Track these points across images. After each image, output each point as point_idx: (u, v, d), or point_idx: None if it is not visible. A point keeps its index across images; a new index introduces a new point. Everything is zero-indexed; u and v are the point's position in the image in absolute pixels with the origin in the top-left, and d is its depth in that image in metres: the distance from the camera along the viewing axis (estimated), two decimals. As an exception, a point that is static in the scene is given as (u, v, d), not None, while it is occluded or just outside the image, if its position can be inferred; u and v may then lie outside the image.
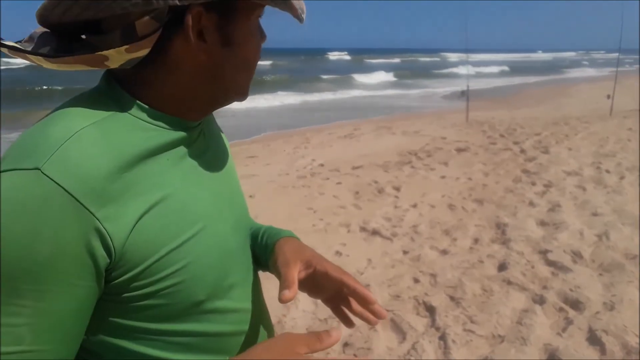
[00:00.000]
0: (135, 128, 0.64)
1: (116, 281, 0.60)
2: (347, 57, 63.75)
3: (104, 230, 0.56)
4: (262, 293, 0.87)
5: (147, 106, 0.66)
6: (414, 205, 4.99)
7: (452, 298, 3.06)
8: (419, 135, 9.10)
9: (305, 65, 40.84)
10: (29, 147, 0.57)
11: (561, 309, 2.85)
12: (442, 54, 70.71)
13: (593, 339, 2.53)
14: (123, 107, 0.65)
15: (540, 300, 2.95)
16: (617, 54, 13.31)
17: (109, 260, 0.58)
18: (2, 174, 0.54)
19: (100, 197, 0.56)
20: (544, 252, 3.64)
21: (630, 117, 10.16)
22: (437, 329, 2.72)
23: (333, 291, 0.81)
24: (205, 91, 0.70)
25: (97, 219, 0.56)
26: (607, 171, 5.86)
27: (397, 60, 55.04)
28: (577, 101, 15.17)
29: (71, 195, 0.54)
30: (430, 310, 2.93)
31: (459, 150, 7.63)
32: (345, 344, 2.64)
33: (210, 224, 0.69)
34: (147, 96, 0.66)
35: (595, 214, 4.41)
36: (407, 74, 30.43)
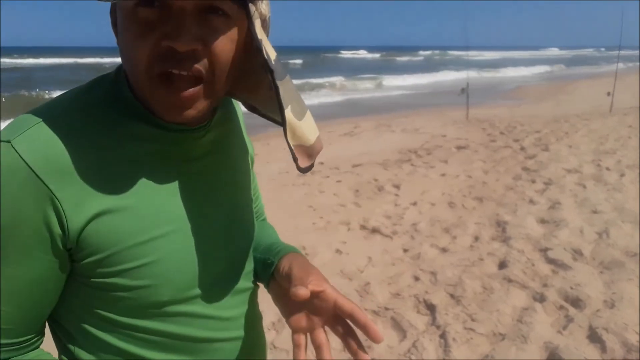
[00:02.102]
0: (122, 120, 0.65)
1: (82, 262, 0.63)
2: (370, 55, 62.26)
3: (60, 208, 0.59)
4: (256, 304, 0.85)
5: (136, 101, 0.66)
6: (414, 203, 4.99)
7: (452, 296, 3.05)
8: (419, 133, 9.09)
9: (351, 65, 38.53)
10: (15, 124, 0.60)
11: (561, 307, 2.85)
12: (450, 52, 69.92)
13: (593, 337, 2.53)
14: (117, 97, 0.65)
15: (541, 298, 2.94)
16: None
17: (62, 236, 0.60)
18: None
19: (62, 178, 0.59)
20: (544, 250, 3.64)
21: (631, 115, 10.15)
22: (438, 327, 2.72)
23: (320, 321, 0.72)
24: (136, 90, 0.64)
25: (56, 197, 0.58)
26: (607, 169, 5.85)
27: (420, 58, 54.32)
28: (577, 98, 15.16)
29: (32, 170, 0.57)
30: (431, 308, 2.93)
31: (459, 147, 7.63)
32: (346, 343, 2.63)
33: (183, 229, 0.68)
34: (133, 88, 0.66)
35: (595, 212, 4.40)
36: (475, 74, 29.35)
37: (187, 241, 0.69)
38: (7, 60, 36.26)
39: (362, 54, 67.01)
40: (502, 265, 3.45)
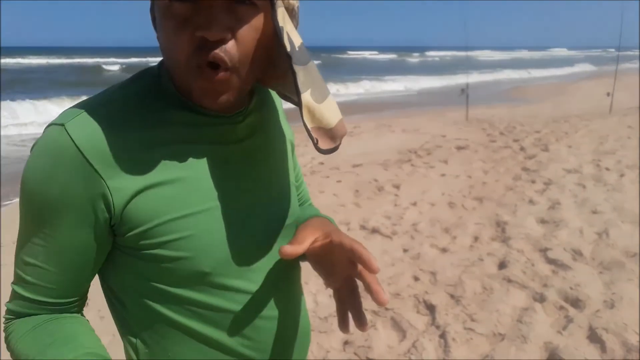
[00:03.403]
0: (163, 107, 0.70)
1: (126, 236, 0.68)
2: (375, 57, 60.91)
3: (105, 186, 0.65)
4: (296, 285, 0.88)
5: (177, 91, 0.71)
6: (414, 204, 4.99)
7: (452, 296, 3.06)
8: (419, 133, 9.09)
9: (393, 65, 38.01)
10: (69, 110, 0.68)
11: (561, 307, 2.85)
12: (453, 52, 69.36)
13: (593, 337, 2.53)
14: (159, 87, 0.72)
15: (541, 299, 2.94)
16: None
17: (108, 215, 0.67)
18: (48, 126, 0.67)
19: (107, 159, 0.65)
20: (544, 250, 3.64)
21: (630, 115, 10.16)
22: (437, 327, 2.72)
23: (344, 272, 0.75)
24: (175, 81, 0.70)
25: (101, 177, 0.65)
26: (607, 169, 5.86)
27: (435, 58, 53.84)
28: (577, 99, 15.17)
29: (80, 151, 0.64)
30: (431, 308, 2.93)
31: (459, 148, 7.63)
32: (346, 342, 2.64)
33: (220, 207, 0.72)
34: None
35: (595, 212, 4.40)
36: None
37: (225, 218, 0.73)
38: (6, 61, 36.23)
39: (367, 54, 66.55)
40: (502, 265, 3.45)
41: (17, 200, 5.51)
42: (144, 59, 43.05)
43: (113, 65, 34.22)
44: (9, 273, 0.76)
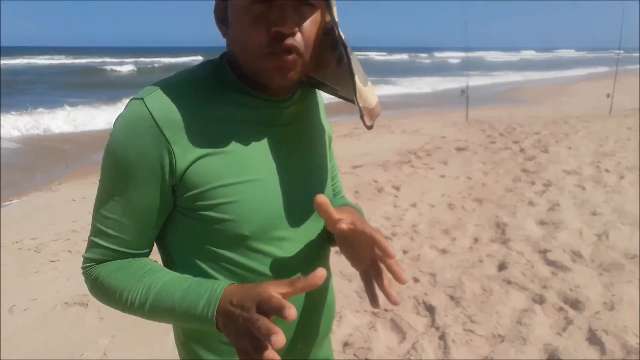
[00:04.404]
0: (223, 90, 0.83)
1: (184, 196, 0.80)
2: (377, 57, 60.12)
3: (172, 152, 0.77)
4: (326, 262, 0.98)
5: (236, 78, 0.83)
6: (414, 205, 4.99)
7: (451, 298, 3.06)
8: (419, 134, 9.09)
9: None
10: (148, 88, 0.81)
11: (561, 309, 2.85)
12: (461, 53, 68.26)
13: (593, 339, 2.53)
14: (219, 74, 0.84)
15: (540, 300, 2.95)
16: None
17: (171, 176, 0.78)
18: (131, 100, 0.80)
19: (175, 129, 0.77)
20: (543, 252, 3.64)
21: (630, 116, 10.17)
22: (437, 328, 2.72)
23: (369, 256, 0.87)
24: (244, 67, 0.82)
25: (169, 143, 0.77)
26: (607, 170, 5.86)
27: (450, 60, 52.99)
28: (577, 100, 15.17)
29: (155, 120, 0.77)
30: (430, 309, 2.93)
31: (459, 149, 7.63)
32: (345, 344, 2.63)
33: (264, 180, 0.83)
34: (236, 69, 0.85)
35: (594, 214, 4.41)
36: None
37: (267, 190, 0.84)
38: (6, 61, 36.23)
39: (371, 54, 66.18)
40: (502, 266, 3.45)
41: (16, 201, 5.52)
42: (147, 59, 43.07)
43: (116, 66, 34.10)
44: (9, 273, 0.77)
